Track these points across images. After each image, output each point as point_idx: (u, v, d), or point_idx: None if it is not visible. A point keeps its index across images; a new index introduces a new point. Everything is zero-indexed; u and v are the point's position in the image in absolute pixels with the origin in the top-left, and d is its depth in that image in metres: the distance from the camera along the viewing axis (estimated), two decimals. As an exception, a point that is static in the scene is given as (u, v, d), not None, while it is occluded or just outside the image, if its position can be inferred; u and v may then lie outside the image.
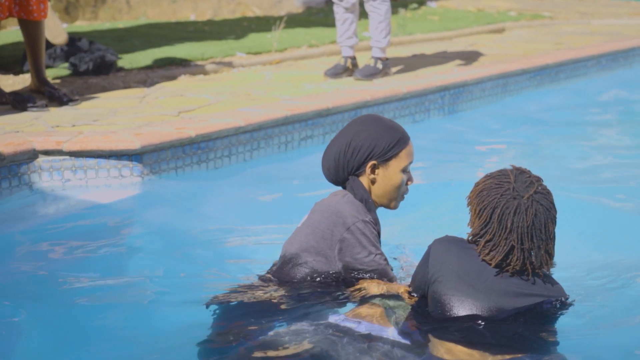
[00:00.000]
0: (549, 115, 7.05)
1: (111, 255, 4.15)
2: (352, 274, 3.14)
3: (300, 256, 3.17)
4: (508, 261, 2.83)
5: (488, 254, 2.85)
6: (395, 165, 3.17)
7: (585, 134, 6.53)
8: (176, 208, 4.74)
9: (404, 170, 3.19)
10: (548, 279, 2.88)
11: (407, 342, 2.88)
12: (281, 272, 3.23)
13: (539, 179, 2.87)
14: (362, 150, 3.15)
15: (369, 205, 3.18)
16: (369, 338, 2.90)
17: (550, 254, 2.85)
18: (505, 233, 2.81)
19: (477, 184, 2.91)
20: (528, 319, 2.85)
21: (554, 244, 2.86)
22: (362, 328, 2.94)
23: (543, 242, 2.82)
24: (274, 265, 3.33)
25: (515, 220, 2.80)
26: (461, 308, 2.85)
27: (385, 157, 3.16)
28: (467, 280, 2.85)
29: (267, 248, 3.98)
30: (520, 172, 2.88)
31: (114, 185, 4.85)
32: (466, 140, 6.28)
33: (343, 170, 3.19)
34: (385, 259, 3.16)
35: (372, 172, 3.18)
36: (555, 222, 2.86)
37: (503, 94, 7.30)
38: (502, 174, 2.89)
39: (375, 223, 3.18)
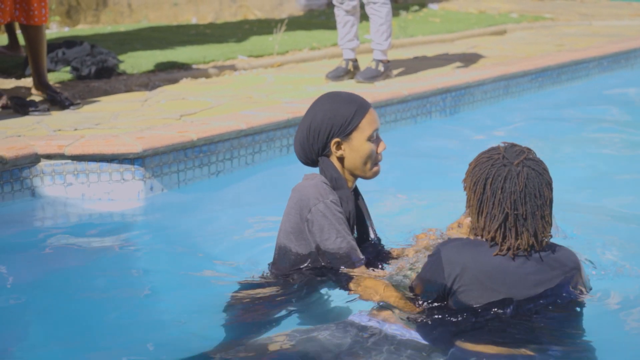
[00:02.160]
0: (551, 117, 7.04)
1: (113, 259, 4.15)
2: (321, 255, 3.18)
3: (284, 243, 3.23)
4: (508, 238, 2.81)
5: (494, 237, 2.82)
6: (358, 136, 3.19)
7: (587, 135, 6.53)
8: (178, 211, 4.75)
9: (370, 139, 3.20)
10: (557, 249, 2.87)
11: (429, 343, 2.88)
12: (276, 265, 3.29)
13: (529, 150, 2.89)
14: (322, 131, 3.19)
15: (339, 183, 3.20)
16: (393, 339, 2.89)
17: (547, 221, 2.84)
18: (499, 201, 2.81)
19: (470, 164, 2.93)
20: (555, 304, 2.84)
21: (550, 211, 2.85)
22: (387, 328, 2.94)
23: (538, 208, 2.81)
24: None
25: (507, 186, 2.81)
26: (489, 313, 2.84)
27: (345, 132, 3.18)
28: (490, 285, 2.83)
29: (270, 250, 3.98)
30: (510, 145, 2.90)
31: (116, 189, 4.85)
32: (468, 142, 6.28)
33: (310, 153, 3.24)
34: (349, 241, 3.15)
35: (338, 149, 3.20)
36: (551, 188, 2.85)
37: (505, 96, 7.30)
38: (492, 148, 2.92)
39: (347, 201, 3.19)
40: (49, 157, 4.79)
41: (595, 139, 6.43)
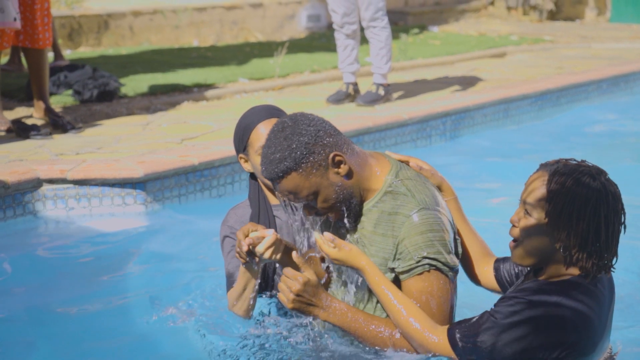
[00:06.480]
0: (550, 140, 7.06)
1: (114, 284, 4.16)
2: None
3: None
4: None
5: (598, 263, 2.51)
6: (251, 152, 3.12)
7: (587, 158, 6.53)
8: (180, 236, 4.76)
9: (259, 153, 3.08)
10: None
11: None
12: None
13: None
14: (235, 148, 3.19)
15: (252, 202, 3.20)
16: None
17: None
18: (618, 219, 2.59)
19: (555, 194, 2.57)
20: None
21: None
22: None
23: None
24: None
25: (616, 201, 2.61)
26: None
27: (242, 148, 3.14)
28: (600, 346, 2.56)
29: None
30: (579, 160, 2.65)
31: (118, 214, 4.87)
32: (468, 165, 6.29)
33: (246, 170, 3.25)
34: (227, 267, 3.14)
35: (245, 163, 3.19)
36: None
37: (504, 119, 7.31)
38: (571, 169, 2.62)
39: (254, 219, 3.16)
40: (51, 181, 4.81)
41: (595, 161, 6.43)
